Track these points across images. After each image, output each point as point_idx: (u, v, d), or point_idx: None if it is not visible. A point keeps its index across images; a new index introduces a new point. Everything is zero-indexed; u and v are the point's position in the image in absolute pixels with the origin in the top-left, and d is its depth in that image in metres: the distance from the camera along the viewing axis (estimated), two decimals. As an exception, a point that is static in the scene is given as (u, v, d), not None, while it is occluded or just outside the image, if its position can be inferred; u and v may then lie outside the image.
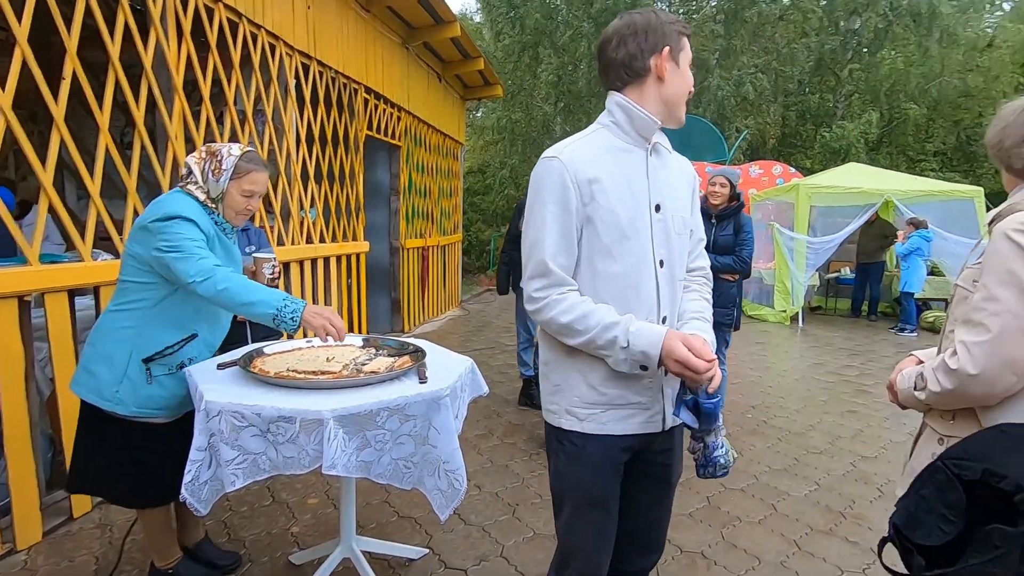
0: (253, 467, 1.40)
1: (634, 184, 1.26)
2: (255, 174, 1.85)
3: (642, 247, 1.25)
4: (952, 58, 14.05)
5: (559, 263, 1.23)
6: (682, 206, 1.34)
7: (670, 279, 1.30)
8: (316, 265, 4.78)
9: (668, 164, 1.34)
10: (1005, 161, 1.20)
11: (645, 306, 1.26)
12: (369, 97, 5.56)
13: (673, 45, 1.25)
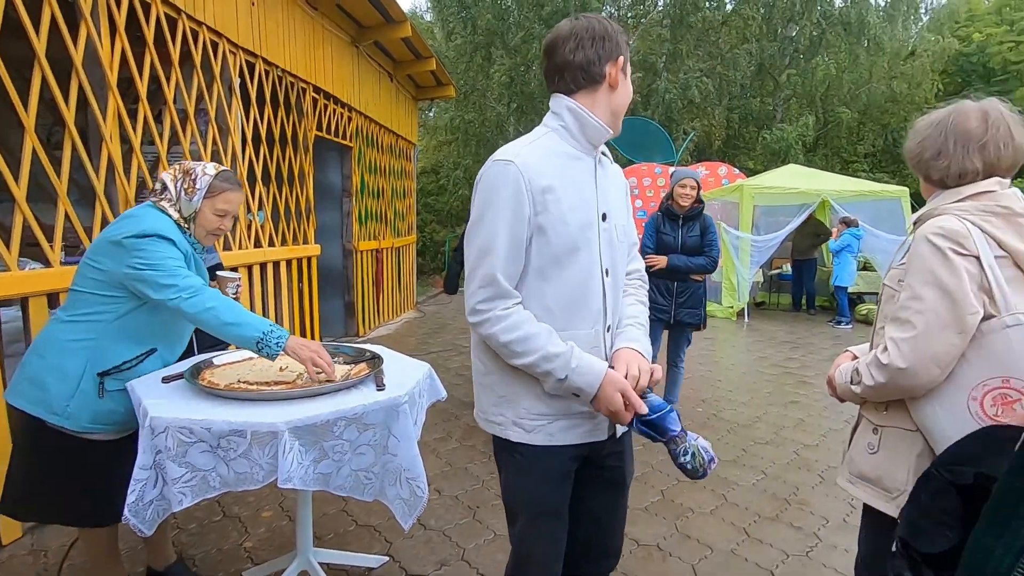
0: (203, 484, 1.35)
1: (584, 193, 1.25)
2: (229, 193, 1.82)
3: (591, 257, 1.25)
4: (879, 65, 14.94)
5: (508, 274, 1.20)
6: (622, 214, 1.36)
7: (614, 287, 1.31)
8: (265, 270, 4.63)
9: (609, 172, 1.35)
10: (924, 172, 1.28)
11: (592, 316, 1.26)
12: (318, 97, 5.43)
13: (625, 56, 1.27)
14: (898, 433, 1.27)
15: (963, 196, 1.21)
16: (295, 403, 1.50)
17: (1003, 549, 0.43)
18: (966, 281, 1.12)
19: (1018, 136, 1.21)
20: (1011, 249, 1.15)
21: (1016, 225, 1.16)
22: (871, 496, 1.32)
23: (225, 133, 4.02)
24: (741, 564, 2.30)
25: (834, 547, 2.43)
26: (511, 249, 1.19)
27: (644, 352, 1.29)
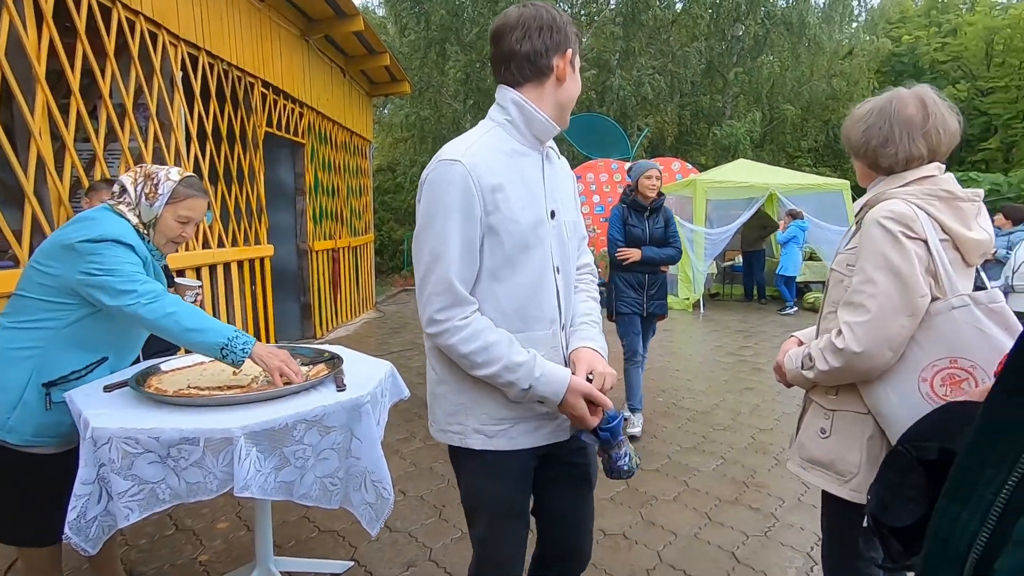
0: (151, 498, 1.27)
1: (534, 191, 1.21)
2: (193, 200, 1.73)
3: (543, 256, 1.21)
4: (819, 64, 15.61)
5: (463, 279, 1.14)
6: (571, 209, 1.33)
7: (566, 285, 1.29)
8: (216, 272, 4.45)
9: (556, 168, 1.31)
10: (872, 160, 1.29)
11: (547, 317, 1.23)
12: (267, 92, 5.25)
13: (574, 48, 1.22)
14: (850, 417, 1.28)
15: (907, 181, 1.23)
16: (251, 407, 1.44)
17: (969, 514, 0.44)
18: (916, 264, 1.14)
19: (951, 121, 1.24)
20: (953, 232, 1.18)
21: (956, 209, 1.20)
22: (824, 481, 1.33)
23: (167, 129, 3.84)
24: (704, 547, 2.36)
25: (791, 526, 2.53)
26: (464, 252, 1.13)
27: (601, 351, 1.27)
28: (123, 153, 3.40)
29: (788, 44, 15.17)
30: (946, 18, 17.70)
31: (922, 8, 19.29)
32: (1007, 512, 0.42)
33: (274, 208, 5.79)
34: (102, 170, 3.25)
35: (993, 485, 0.43)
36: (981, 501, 0.43)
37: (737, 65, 15.53)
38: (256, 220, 5.17)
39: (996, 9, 17.14)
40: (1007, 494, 0.42)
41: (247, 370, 1.70)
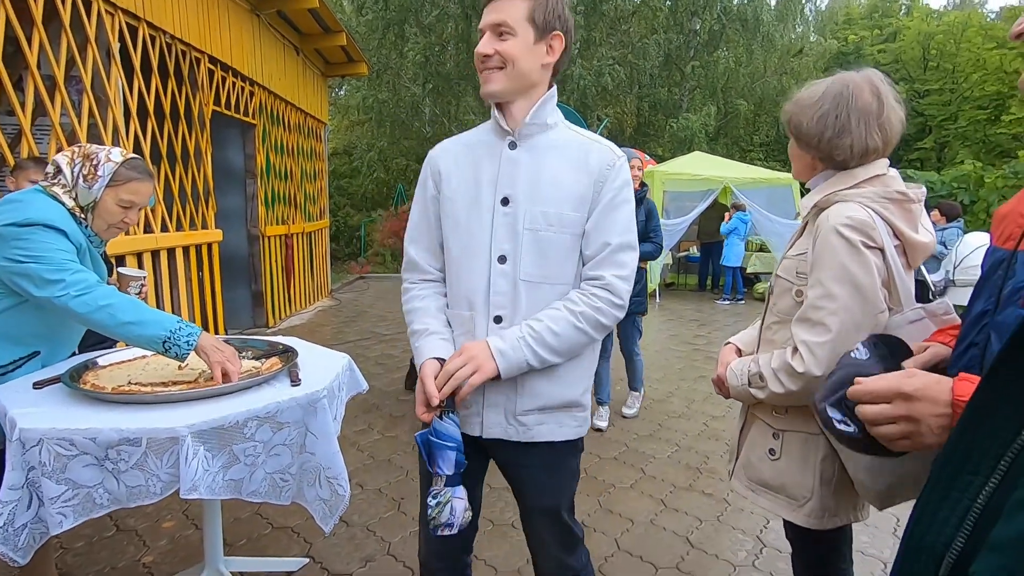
0: (87, 503, 1.19)
1: (481, 177, 1.22)
2: (137, 183, 1.62)
3: (477, 239, 1.21)
4: (771, 61, 16.07)
5: (416, 247, 1.32)
6: (556, 201, 1.18)
7: (512, 277, 1.19)
8: (158, 258, 4.23)
9: (544, 159, 1.21)
10: (826, 152, 1.15)
11: (465, 299, 1.22)
12: (215, 68, 4.98)
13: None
14: (801, 437, 1.19)
15: (859, 180, 1.13)
16: (198, 404, 1.36)
17: (945, 516, 0.45)
18: (876, 277, 1.06)
19: (899, 111, 1.15)
20: (905, 237, 1.10)
21: (908, 212, 1.11)
22: (776, 505, 1.24)
23: (104, 104, 3.58)
24: (660, 533, 2.42)
25: (741, 510, 2.62)
26: (419, 223, 1.31)
27: (494, 348, 1.14)
28: (54, 129, 3.16)
29: (743, 40, 15.53)
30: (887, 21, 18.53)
31: (865, 10, 20.12)
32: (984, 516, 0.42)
33: (223, 191, 5.53)
34: (29, 147, 3.01)
35: (970, 490, 0.43)
36: (957, 505, 0.44)
37: (694, 59, 15.80)
38: (203, 203, 4.93)
39: (932, 16, 18.08)
40: (984, 499, 0.42)
41: (193, 364, 1.61)
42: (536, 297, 1.19)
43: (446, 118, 15.20)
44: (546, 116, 1.23)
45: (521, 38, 1.16)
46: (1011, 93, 13.53)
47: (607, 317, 1.19)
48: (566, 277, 1.22)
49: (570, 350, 1.19)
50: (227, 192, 5.70)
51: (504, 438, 1.23)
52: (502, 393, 1.21)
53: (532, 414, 1.22)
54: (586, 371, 1.29)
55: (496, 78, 1.17)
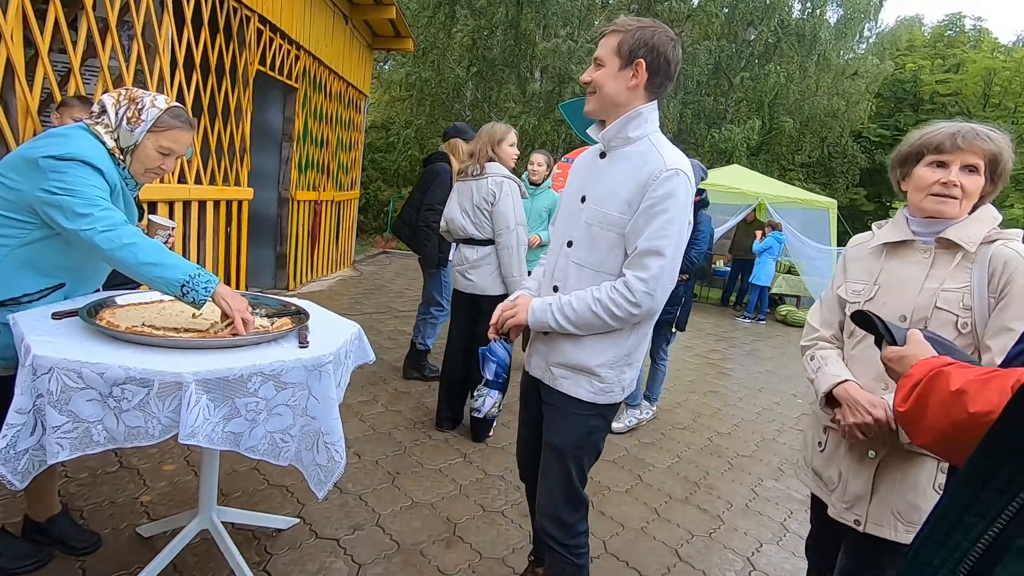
0: (84, 438, 1.21)
1: (577, 178, 1.57)
2: (179, 132, 1.64)
3: (562, 227, 1.57)
4: (824, 81, 15.64)
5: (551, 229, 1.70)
6: (610, 204, 1.43)
7: (566, 257, 1.52)
8: (189, 208, 4.30)
9: (615, 166, 1.46)
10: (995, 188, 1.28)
11: (548, 272, 1.59)
12: (264, 28, 5.02)
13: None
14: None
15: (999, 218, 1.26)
16: (206, 353, 1.38)
17: (940, 560, 0.43)
18: None
19: None
20: None
21: None
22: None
23: (152, 53, 3.64)
24: (649, 542, 2.39)
25: (735, 529, 2.58)
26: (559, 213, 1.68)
27: (532, 305, 1.50)
28: (102, 71, 3.21)
29: (797, 56, 15.13)
30: (951, 52, 17.87)
31: (929, 38, 19.43)
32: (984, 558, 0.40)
33: (258, 151, 5.59)
34: (77, 86, 3.07)
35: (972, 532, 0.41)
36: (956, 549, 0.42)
37: (744, 70, 15.46)
38: (238, 161, 4.99)
39: (999, 51, 17.35)
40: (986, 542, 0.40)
41: (207, 314, 1.62)
42: (582, 278, 1.48)
43: (487, 103, 15.15)
44: (628, 131, 1.44)
45: (608, 68, 1.42)
46: (1073, 140, 12.95)
47: (620, 310, 1.40)
48: (609, 267, 1.45)
49: (586, 325, 1.44)
50: (262, 152, 5.77)
51: (540, 378, 1.58)
52: (544, 344, 1.56)
53: (558, 368, 1.52)
54: (610, 349, 1.48)
55: (590, 100, 1.48)
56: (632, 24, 1.41)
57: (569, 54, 13.03)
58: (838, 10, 15.69)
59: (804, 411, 4.45)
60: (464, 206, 3.04)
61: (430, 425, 3.25)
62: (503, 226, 2.95)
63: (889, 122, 16.81)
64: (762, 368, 5.80)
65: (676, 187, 1.35)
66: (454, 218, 3.08)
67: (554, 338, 1.51)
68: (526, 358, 1.66)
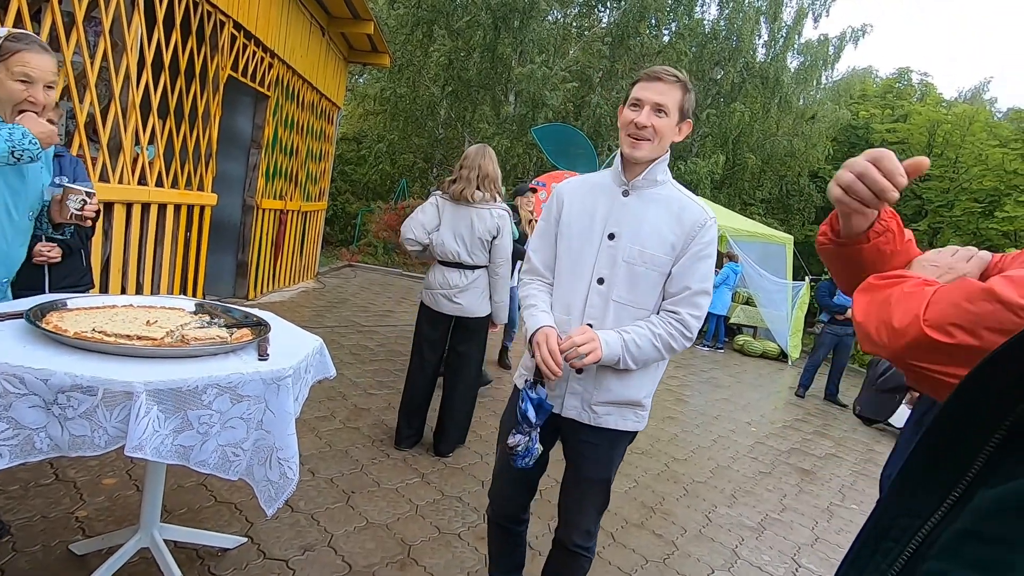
0: (26, 445, 1.15)
1: (596, 214, 1.54)
2: (27, 54, 1.53)
3: (584, 262, 1.54)
4: (785, 122, 16.41)
5: (537, 257, 1.65)
6: (652, 244, 1.49)
7: (606, 297, 1.52)
8: (148, 211, 4.17)
9: (648, 208, 1.51)
10: None
11: (564, 303, 1.56)
12: (237, 34, 4.97)
13: (624, 99, 1.54)
14: None
15: None
16: (159, 363, 1.33)
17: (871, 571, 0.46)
18: None
19: None
20: None
21: None
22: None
23: (120, 51, 3.55)
24: (604, 567, 2.39)
25: (688, 555, 2.61)
26: (540, 239, 1.65)
27: (603, 339, 1.45)
28: (64, 65, 3.11)
29: (761, 97, 15.86)
30: (899, 104, 19.04)
31: (880, 89, 20.66)
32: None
33: (225, 157, 5.49)
34: (37, 79, 2.96)
35: (889, 556, 0.44)
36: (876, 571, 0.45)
37: (711, 107, 16.09)
38: (203, 165, 4.88)
39: (942, 104, 18.59)
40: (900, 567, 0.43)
41: (163, 322, 1.57)
42: (621, 315, 1.51)
43: (460, 123, 15.27)
44: (657, 175, 1.52)
45: (670, 119, 1.47)
46: (1007, 191, 13.90)
47: (678, 344, 1.50)
48: (648, 304, 1.52)
49: (645, 361, 1.50)
50: (229, 158, 5.65)
51: (576, 419, 1.56)
52: (583, 384, 1.54)
53: (603, 405, 1.55)
54: (651, 379, 1.58)
55: (645, 147, 1.48)
56: (688, 82, 1.50)
57: (544, 80, 13.30)
58: (798, 57, 16.58)
59: (758, 440, 4.56)
60: (460, 232, 2.96)
61: (389, 443, 3.20)
62: (502, 258, 3.05)
63: (842, 165, 17.72)
64: (719, 396, 5.94)
65: (715, 234, 1.53)
66: (444, 242, 2.98)
67: (596, 377, 1.52)
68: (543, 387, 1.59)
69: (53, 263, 2.30)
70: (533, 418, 1.48)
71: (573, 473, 1.65)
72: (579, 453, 1.62)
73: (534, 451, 1.51)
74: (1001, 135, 14.63)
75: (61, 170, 2.34)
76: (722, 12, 15.94)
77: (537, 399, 1.49)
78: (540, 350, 1.46)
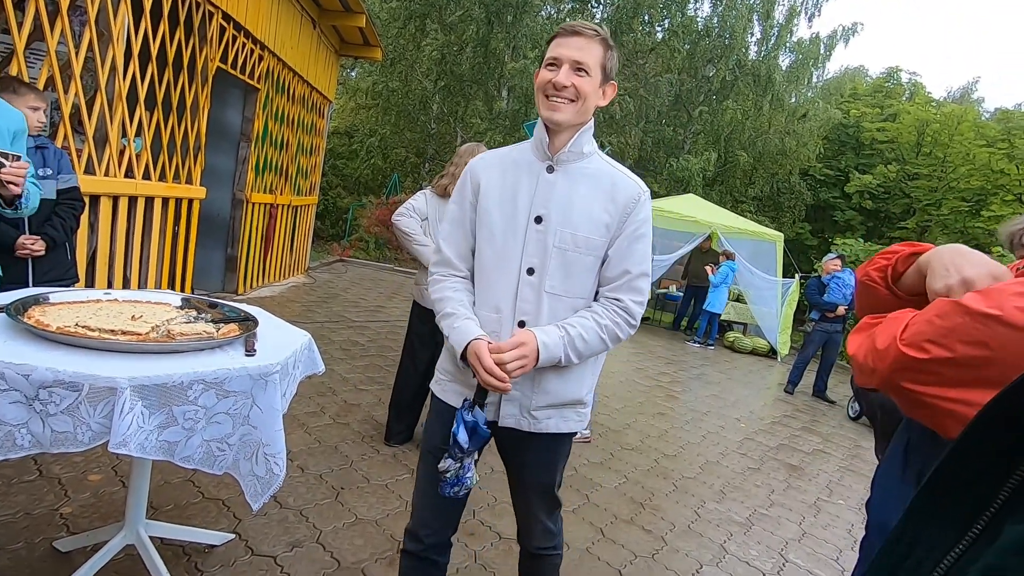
0: (7, 441, 1.13)
1: (518, 195, 1.35)
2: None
3: (510, 251, 1.34)
4: (777, 119, 16.49)
5: (449, 246, 1.42)
6: (585, 226, 1.33)
7: (537, 288, 1.33)
8: (135, 204, 4.11)
9: (576, 185, 1.34)
10: None
11: (492, 303, 1.36)
12: (227, 26, 4.91)
13: (540, 62, 1.35)
14: None
15: None
16: (144, 358, 1.31)
17: None
18: None
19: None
20: None
21: None
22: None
23: (105, 41, 3.49)
24: (593, 562, 2.40)
25: (677, 551, 2.62)
26: (453, 226, 1.43)
27: (540, 340, 1.28)
28: (48, 56, 3.06)
29: (753, 95, 15.91)
30: (889, 103, 19.18)
31: (870, 88, 20.81)
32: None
33: (214, 150, 5.43)
34: (20, 69, 2.91)
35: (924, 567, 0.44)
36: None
37: (703, 104, 16.13)
38: (191, 158, 4.82)
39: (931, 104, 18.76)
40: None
41: (148, 317, 1.55)
42: (556, 307, 1.35)
43: (452, 118, 15.21)
44: (583, 145, 1.36)
45: (594, 79, 1.31)
46: (994, 191, 14.07)
47: (623, 333, 1.37)
48: (585, 293, 1.38)
49: (590, 354, 1.36)
50: (218, 151, 5.59)
51: (516, 427, 1.40)
52: (520, 389, 1.36)
53: (543, 409, 1.39)
54: (591, 373, 1.46)
55: (566, 108, 1.30)
56: (609, 38, 1.33)
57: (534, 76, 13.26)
58: (790, 55, 16.64)
59: (747, 436, 4.60)
60: None
61: (379, 439, 3.19)
62: None
63: (833, 163, 17.82)
64: (708, 392, 5.97)
65: (649, 209, 1.40)
66: (435, 238, 2.98)
67: (534, 380, 1.35)
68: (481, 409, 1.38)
69: (37, 256, 2.27)
70: (465, 443, 1.29)
71: (516, 481, 1.53)
72: (520, 462, 1.48)
73: (466, 481, 1.33)
74: (988, 135, 14.78)
75: (45, 162, 2.30)
76: (715, 9, 15.96)
77: (472, 422, 1.29)
78: (479, 371, 1.26)
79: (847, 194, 16.70)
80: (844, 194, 16.91)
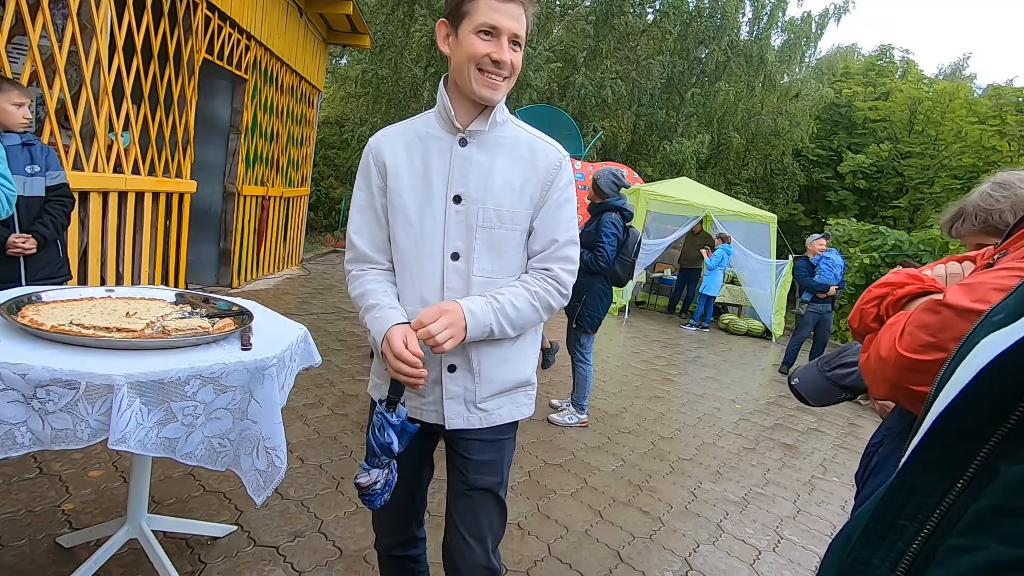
0: (7, 440, 1.13)
1: (431, 173, 1.21)
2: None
3: (429, 236, 1.21)
4: (769, 100, 16.43)
5: (362, 239, 1.28)
6: (508, 200, 1.21)
7: (465, 274, 1.21)
8: (125, 199, 4.08)
9: (493, 157, 1.22)
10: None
11: (430, 297, 1.22)
12: (212, 16, 4.84)
13: (454, 15, 1.17)
14: None
15: None
16: (140, 355, 1.32)
17: (879, 560, 0.47)
18: None
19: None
20: None
21: None
22: None
23: (89, 34, 3.44)
24: (592, 544, 2.44)
25: (674, 531, 2.67)
26: (361, 216, 1.28)
27: (466, 308, 1.16)
28: (31, 50, 3.02)
29: (745, 75, 15.83)
30: (881, 81, 19.13)
31: (862, 67, 20.73)
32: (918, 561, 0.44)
33: (203, 143, 5.37)
34: (1, 63, 2.87)
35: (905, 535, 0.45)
36: (892, 549, 0.46)
37: (695, 86, 16.05)
38: (180, 152, 4.78)
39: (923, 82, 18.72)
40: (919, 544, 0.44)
41: (143, 313, 1.55)
42: (487, 291, 1.23)
43: (444, 105, 15.06)
44: (498, 114, 1.23)
45: (523, 51, 1.20)
46: (986, 168, 14.10)
47: (556, 302, 1.27)
48: (516, 270, 1.27)
49: (523, 325, 1.25)
50: (208, 144, 5.54)
51: (467, 427, 1.27)
52: (459, 384, 1.25)
53: (491, 399, 1.28)
54: (534, 349, 1.36)
55: (504, 87, 1.18)
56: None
57: (527, 61, 13.15)
58: (782, 34, 16.54)
59: (743, 416, 4.65)
60: None
61: (377, 429, 3.21)
62: None
63: (826, 143, 17.80)
64: (704, 375, 6.02)
65: (570, 173, 1.28)
66: None
67: (477, 370, 1.24)
68: (413, 409, 1.27)
69: (28, 254, 2.26)
70: (397, 448, 1.17)
71: (462, 483, 1.32)
72: (465, 461, 1.30)
73: (393, 482, 1.23)
74: (980, 112, 14.78)
75: (32, 159, 2.29)
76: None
77: (399, 423, 1.17)
78: (388, 359, 1.14)
79: (840, 174, 16.71)
80: (837, 174, 16.91)
